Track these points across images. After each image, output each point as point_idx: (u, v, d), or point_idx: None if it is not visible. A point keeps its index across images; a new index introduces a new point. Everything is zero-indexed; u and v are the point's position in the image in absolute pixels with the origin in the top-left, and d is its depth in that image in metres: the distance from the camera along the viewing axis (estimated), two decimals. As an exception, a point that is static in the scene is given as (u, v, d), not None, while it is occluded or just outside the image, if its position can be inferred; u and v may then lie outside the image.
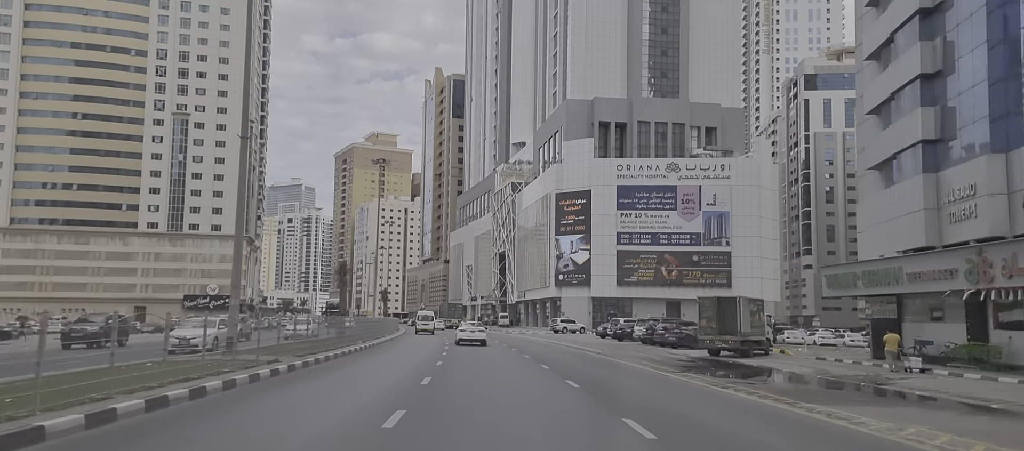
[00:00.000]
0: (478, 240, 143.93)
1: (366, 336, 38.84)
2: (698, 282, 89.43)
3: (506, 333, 74.48)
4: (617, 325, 53.74)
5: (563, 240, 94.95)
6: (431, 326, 64.79)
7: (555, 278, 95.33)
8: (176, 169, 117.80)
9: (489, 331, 60.95)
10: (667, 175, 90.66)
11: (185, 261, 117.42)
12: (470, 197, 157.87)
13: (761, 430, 12.59)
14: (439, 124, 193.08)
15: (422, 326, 64.30)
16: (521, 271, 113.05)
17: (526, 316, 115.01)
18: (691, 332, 38.84)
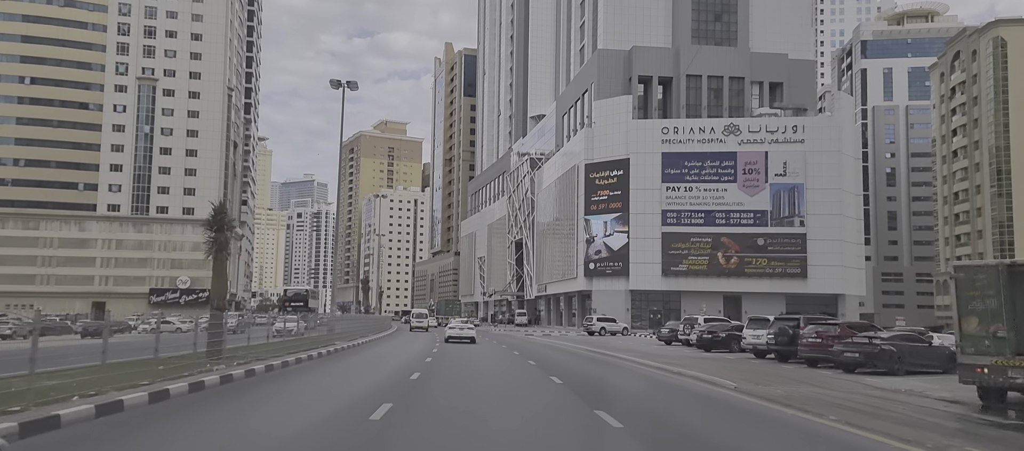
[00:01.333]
0: (491, 228, 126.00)
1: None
2: (764, 271, 71.08)
3: (525, 335, 56.69)
4: (697, 328, 35.03)
5: (594, 221, 76.82)
6: (425, 324, 64.57)
7: (584, 267, 77.20)
8: (142, 143, 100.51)
9: (504, 332, 56.31)
10: (725, 139, 72.34)
11: (152, 250, 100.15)
12: (483, 181, 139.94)
13: None
14: (449, 104, 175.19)
15: (416, 324, 64.26)
16: (541, 261, 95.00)
17: (548, 313, 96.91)
18: (887, 348, 20.05)
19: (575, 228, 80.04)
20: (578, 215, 79.29)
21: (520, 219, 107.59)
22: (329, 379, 17.31)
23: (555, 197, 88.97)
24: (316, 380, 16.82)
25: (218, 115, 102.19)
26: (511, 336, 54.30)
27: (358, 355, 26.48)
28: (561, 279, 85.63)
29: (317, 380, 16.84)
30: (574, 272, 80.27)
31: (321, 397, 13.82)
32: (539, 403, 13.71)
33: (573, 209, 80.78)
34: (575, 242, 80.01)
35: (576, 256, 79.75)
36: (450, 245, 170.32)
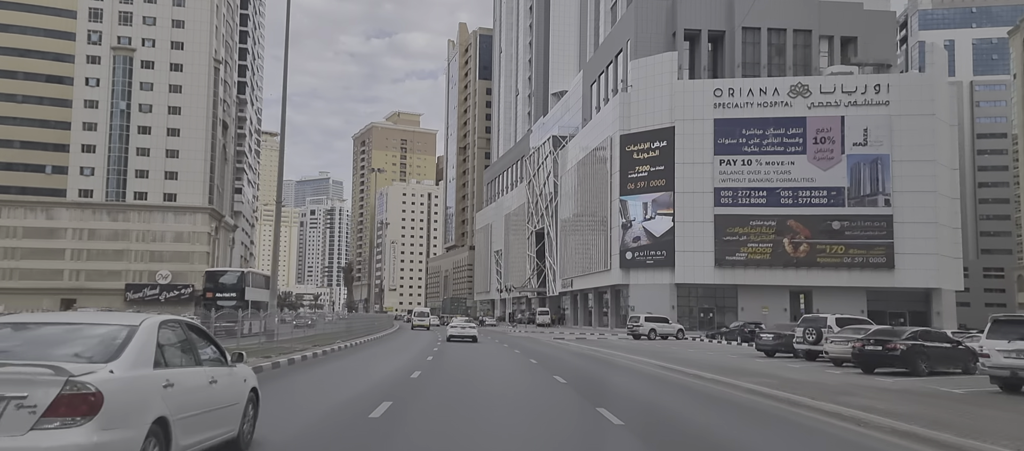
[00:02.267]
0: (509, 219, 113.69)
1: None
2: (841, 261, 58.25)
3: (552, 338, 44.42)
4: (833, 333, 21.83)
5: (632, 203, 64.31)
6: (426, 322, 62.81)
7: (620, 257, 64.68)
8: (118, 121, 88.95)
9: (525, 334, 51.17)
10: (791, 101, 59.62)
11: (129, 240, 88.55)
12: (499, 169, 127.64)
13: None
14: (463, 89, 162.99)
15: (417, 322, 62.90)
16: (566, 253, 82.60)
17: (573, 311, 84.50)
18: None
19: (608, 212, 67.57)
20: (611, 197, 66.81)
21: (541, 207, 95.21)
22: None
23: (582, 178, 76.53)
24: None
25: (204, 90, 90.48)
26: (534, 340, 41.97)
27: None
28: (590, 272, 73.19)
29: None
30: (606, 263, 67.82)
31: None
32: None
33: (605, 190, 68.31)
34: (607, 229, 67.54)
35: (608, 245, 67.30)
36: (465, 239, 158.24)
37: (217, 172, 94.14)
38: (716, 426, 10.55)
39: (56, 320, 6.09)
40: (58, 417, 4.51)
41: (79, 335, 5.50)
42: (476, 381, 16.12)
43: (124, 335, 5.42)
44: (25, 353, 5.07)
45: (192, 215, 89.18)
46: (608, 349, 32.40)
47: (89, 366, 4.87)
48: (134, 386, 5.13)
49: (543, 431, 9.42)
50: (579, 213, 77.70)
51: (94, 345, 5.30)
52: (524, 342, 39.48)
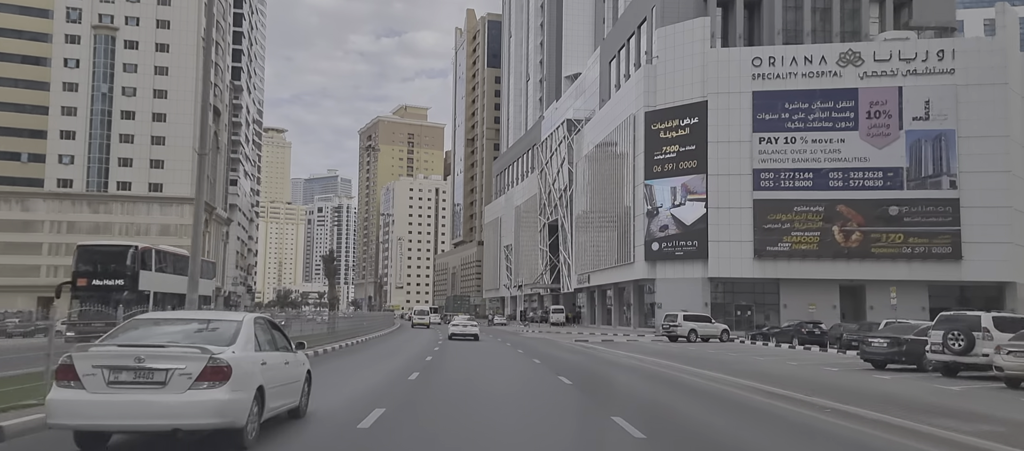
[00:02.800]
0: (520, 211, 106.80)
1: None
2: (899, 251, 51.00)
3: (572, 341, 37.47)
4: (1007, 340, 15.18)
5: (658, 187, 57.20)
6: (426, 320, 64.72)
7: (645, 249, 57.55)
8: (99, 105, 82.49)
9: (539, 334, 48.85)
10: (840, 71, 52.35)
11: (111, 233, 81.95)
12: (509, 159, 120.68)
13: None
14: (471, 77, 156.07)
15: (417, 320, 64.79)
16: (582, 246, 75.61)
17: (590, 309, 77.51)
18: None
19: (630, 199, 60.50)
20: (634, 181, 59.75)
21: (554, 197, 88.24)
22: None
23: (601, 164, 69.49)
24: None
25: (192, 73, 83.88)
26: (553, 343, 35.13)
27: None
28: (609, 266, 66.16)
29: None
30: (629, 256, 60.76)
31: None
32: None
33: (627, 176, 61.27)
34: (630, 218, 60.47)
35: (631, 235, 60.24)
36: (473, 234, 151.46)
37: (208, 161, 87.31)
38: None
39: (188, 317, 8.55)
40: (206, 381, 6.87)
41: (207, 327, 7.85)
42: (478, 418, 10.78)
43: (235, 328, 7.82)
44: (177, 340, 7.35)
45: (179, 207, 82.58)
46: (651, 356, 25.51)
47: (219, 348, 7.19)
48: (246, 362, 7.46)
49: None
50: (597, 202, 70.69)
51: (218, 334, 7.64)
52: (540, 346, 32.72)
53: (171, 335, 7.48)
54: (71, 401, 6.67)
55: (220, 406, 6.84)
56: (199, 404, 6.75)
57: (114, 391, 6.69)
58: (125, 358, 6.78)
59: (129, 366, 6.75)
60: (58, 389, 6.79)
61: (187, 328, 7.78)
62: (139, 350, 6.85)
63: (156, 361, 6.79)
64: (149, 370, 6.75)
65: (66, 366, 6.82)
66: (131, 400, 6.68)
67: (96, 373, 6.70)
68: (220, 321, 7.97)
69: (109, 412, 6.67)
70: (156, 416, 6.72)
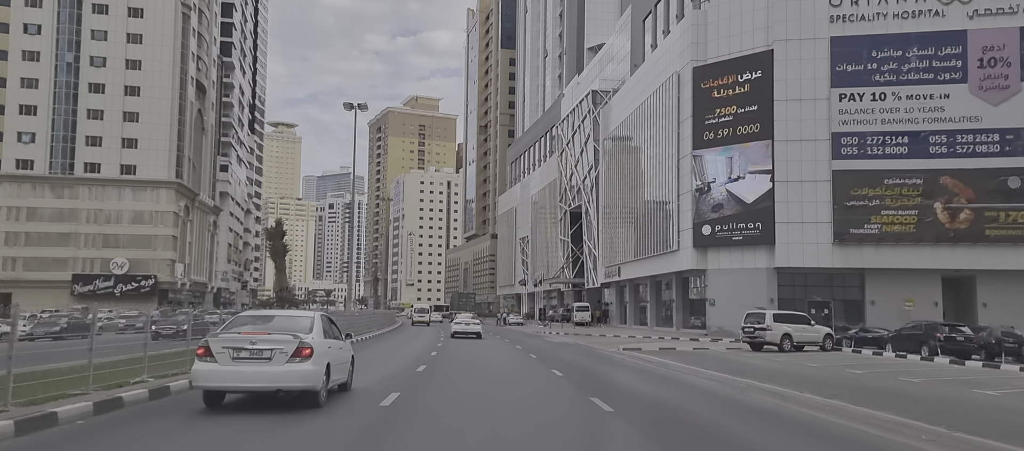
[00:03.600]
0: (536, 200, 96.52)
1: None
2: (1022, 233, 40.31)
3: (619, 352, 26.96)
4: None
5: (710, 159, 46.65)
6: (426, 318, 65.35)
7: (693, 233, 46.99)
8: (64, 77, 73.00)
9: (568, 338, 40.54)
10: (943, 10, 41.65)
11: (77, 221, 72.68)
12: (525, 144, 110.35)
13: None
14: (484, 61, 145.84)
15: (418, 318, 65.49)
16: (612, 234, 65.23)
17: (619, 306, 67.16)
18: None
19: (672, 175, 50.04)
20: (677, 153, 49.28)
21: (577, 180, 77.86)
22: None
23: (634, 137, 59.06)
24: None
25: (170, 42, 74.22)
26: (590, 352, 25.15)
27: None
28: (645, 256, 55.73)
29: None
30: (671, 242, 50.30)
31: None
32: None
33: (668, 147, 50.82)
34: (673, 197, 50.01)
35: (674, 218, 49.78)
36: (486, 227, 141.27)
37: (188, 141, 77.74)
38: None
39: (277, 313, 11.92)
40: (297, 357, 9.88)
41: (293, 320, 11.02)
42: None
43: (310, 321, 10.88)
44: (275, 329, 10.37)
45: (155, 191, 73.02)
46: (761, 382, 15.15)
47: (303, 335, 10.14)
48: (320, 345, 10.38)
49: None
50: (629, 182, 60.31)
51: (299, 325, 10.60)
52: (575, 356, 22.79)
53: (268, 326, 10.67)
54: (208, 370, 9.86)
55: (306, 374, 9.98)
56: (293, 372, 9.89)
57: (237, 364, 9.83)
58: (243, 342, 9.96)
59: (246, 347, 9.91)
60: (199, 363, 9.97)
61: (278, 322, 10.96)
62: (253, 336, 10.04)
63: (264, 344, 9.96)
64: (260, 350, 9.91)
65: (205, 347, 10.00)
66: (248, 370, 9.83)
67: (224, 352, 9.88)
68: (299, 316, 11.46)
69: (234, 377, 9.87)
70: (265, 380, 9.90)
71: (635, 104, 58.59)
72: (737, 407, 12.60)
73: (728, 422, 10.82)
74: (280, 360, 9.84)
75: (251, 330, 10.30)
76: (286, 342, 9.92)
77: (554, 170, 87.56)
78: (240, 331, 10.24)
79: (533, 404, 12.23)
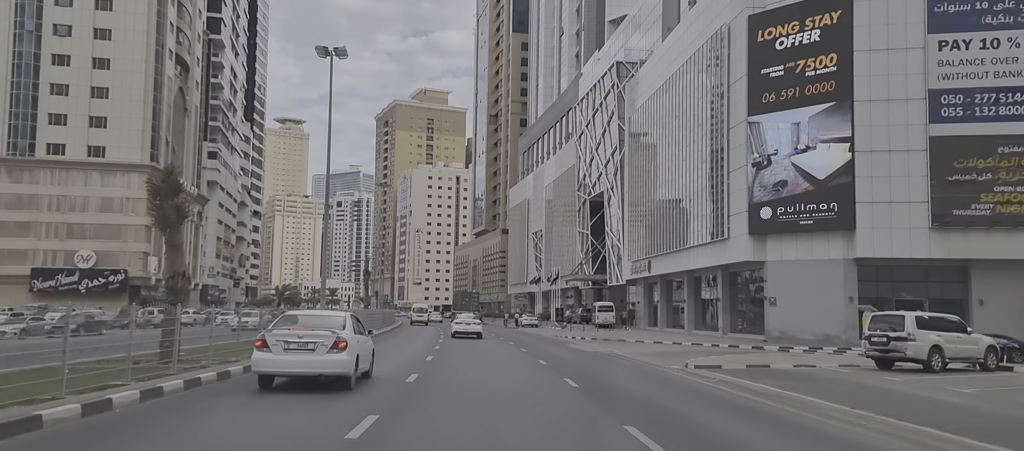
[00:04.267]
0: (551, 190, 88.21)
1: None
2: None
3: (684, 373, 18.34)
4: None
5: (770, 125, 37.92)
6: (424, 318, 66.07)
7: (749, 218, 38.28)
8: (24, 47, 65.13)
9: (593, 342, 35.37)
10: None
11: (39, 209, 64.79)
12: (538, 130, 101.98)
13: None
14: (495, 45, 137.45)
15: (416, 318, 65.78)
16: (640, 224, 56.70)
17: (647, 307, 58.70)
18: None
19: (721, 145, 41.47)
20: (727, 121, 40.70)
21: (598, 166, 69.45)
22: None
23: (669, 107, 50.52)
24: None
25: (143, 7, 66.23)
26: (644, 370, 17.13)
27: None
28: (684, 248, 47.21)
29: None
30: (717, 230, 41.73)
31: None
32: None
33: (712, 115, 42.25)
34: (721, 174, 41.44)
35: (721, 201, 41.20)
36: (496, 222, 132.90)
37: (166, 121, 69.67)
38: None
39: (315, 312, 14.76)
40: (335, 349, 12.04)
41: (329, 319, 13.30)
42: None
43: (343, 320, 13.19)
44: (316, 326, 12.56)
45: (126, 175, 65.04)
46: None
47: (339, 331, 12.45)
48: (351, 339, 12.58)
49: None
50: (662, 162, 51.80)
51: (334, 323, 12.94)
52: (623, 377, 14.90)
53: (310, 324, 12.88)
54: (266, 358, 12.33)
55: (342, 363, 12.32)
56: (332, 361, 12.23)
57: (287, 354, 12.24)
58: (292, 337, 12.36)
59: (295, 340, 12.31)
60: (258, 352, 12.44)
61: (318, 320, 13.26)
62: (300, 332, 12.43)
63: (309, 338, 12.31)
64: (305, 342, 12.27)
65: (262, 340, 12.50)
66: (297, 359, 12.25)
67: (277, 344, 12.28)
68: (333, 315, 13.96)
69: (285, 364, 12.31)
70: (310, 367, 12.28)
71: (669, 71, 50.03)
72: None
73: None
74: (322, 351, 12.25)
75: (297, 327, 12.74)
76: (326, 337, 12.34)
77: (571, 156, 79.16)
78: (289, 328, 12.69)
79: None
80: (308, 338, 12.28)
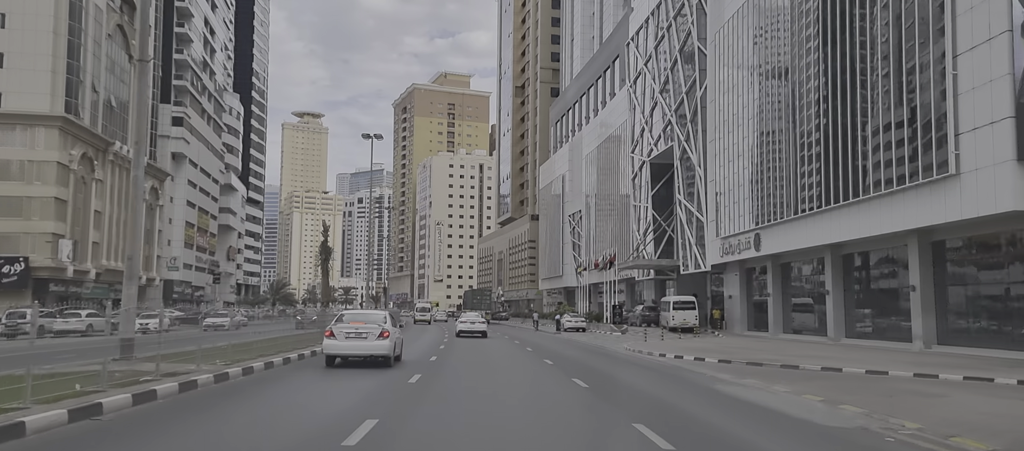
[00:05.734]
0: (594, 160, 70.24)
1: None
2: None
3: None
4: None
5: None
6: (427, 317, 66.88)
7: (1016, 128, 20.04)
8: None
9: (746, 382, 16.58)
10: None
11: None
12: (576, 91, 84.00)
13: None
14: (521, 7, 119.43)
15: (419, 317, 66.71)
16: (736, 181, 38.36)
17: (745, 305, 40.34)
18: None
19: (924, 14, 23.11)
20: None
21: (664, 113, 51.27)
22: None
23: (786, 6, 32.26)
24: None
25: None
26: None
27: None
28: (837, 205, 28.96)
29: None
30: (928, 164, 23.45)
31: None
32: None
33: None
34: (927, 66, 23.12)
35: (937, 109, 22.90)
36: (524, 208, 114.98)
37: (92, 63, 52.48)
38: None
39: (363, 312, 19.86)
40: (381, 338, 17.03)
41: (374, 316, 18.42)
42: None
43: (384, 315, 18.37)
44: (367, 321, 17.66)
45: (28, 131, 48.28)
46: None
47: (383, 324, 17.48)
48: (392, 330, 17.58)
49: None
50: (776, 82, 33.57)
51: (379, 319, 17.94)
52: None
53: (362, 319, 17.68)
54: (333, 344, 16.72)
55: (386, 347, 16.80)
56: (379, 346, 16.72)
57: (348, 340, 16.63)
58: (351, 329, 16.80)
59: (353, 332, 16.71)
60: (327, 339, 16.96)
61: (367, 316, 18.34)
62: (357, 325, 16.97)
63: (363, 329, 16.82)
64: (360, 332, 16.72)
65: (331, 330, 16.99)
66: (355, 344, 16.66)
67: (341, 333, 16.70)
68: (376, 314, 19.03)
69: (346, 348, 16.67)
70: (364, 350, 16.72)
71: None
72: None
73: None
74: (372, 338, 16.85)
75: (354, 321, 17.52)
76: (374, 328, 17.06)
77: (622, 110, 61.16)
78: (349, 322, 17.42)
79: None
80: (362, 329, 17.05)
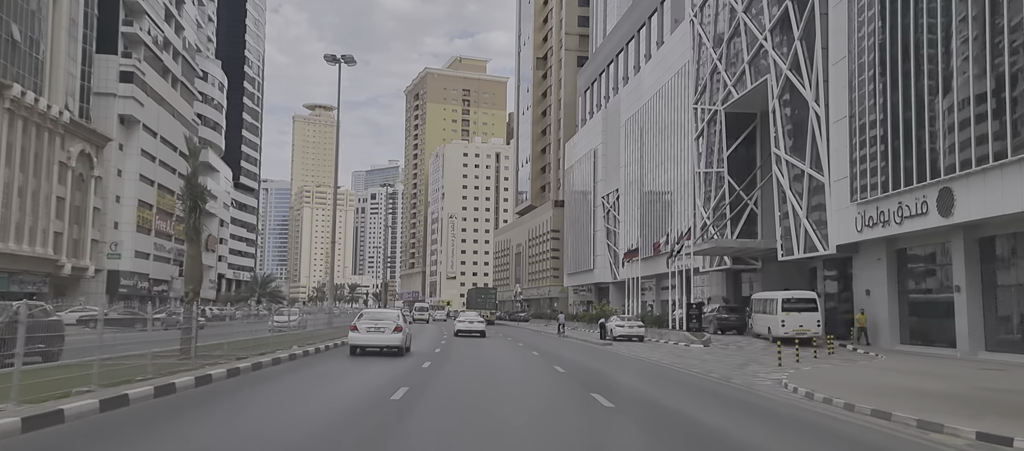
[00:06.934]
0: (638, 124, 55.88)
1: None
2: None
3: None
4: None
5: None
6: (425, 316, 72.02)
7: None
8: None
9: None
10: None
11: None
12: (611, 49, 69.67)
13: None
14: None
15: (418, 316, 70.18)
16: (909, 122, 23.71)
17: (896, 308, 25.49)
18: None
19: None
20: None
21: (747, 45, 36.84)
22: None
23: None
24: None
25: None
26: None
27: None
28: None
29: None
30: None
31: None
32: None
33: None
34: None
35: None
36: (545, 195, 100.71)
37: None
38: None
39: (379, 310, 26.31)
40: (396, 330, 21.64)
41: (389, 312, 24.21)
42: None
43: (398, 312, 25.44)
44: (383, 318, 22.48)
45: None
46: None
47: (397, 320, 22.38)
48: (405, 324, 23.02)
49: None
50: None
51: (393, 315, 23.05)
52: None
53: (380, 316, 22.31)
54: (357, 336, 21.06)
55: (400, 339, 21.15)
56: (394, 338, 20.95)
57: (369, 334, 21.02)
58: (371, 324, 21.26)
59: (373, 325, 21.18)
60: (351, 333, 21.32)
61: (382, 311, 24.69)
62: (376, 321, 21.54)
63: (381, 324, 21.30)
64: (379, 327, 21.14)
65: (355, 324, 21.42)
66: (374, 336, 21.01)
67: (363, 327, 21.14)
68: (391, 311, 26.23)
69: (368, 340, 21.05)
70: (382, 342, 21.03)
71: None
72: None
73: None
74: (388, 331, 20.75)
75: (374, 317, 21.72)
76: (390, 324, 21.11)
77: (683, 50, 46.78)
78: (369, 319, 21.49)
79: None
80: (381, 324, 21.13)
